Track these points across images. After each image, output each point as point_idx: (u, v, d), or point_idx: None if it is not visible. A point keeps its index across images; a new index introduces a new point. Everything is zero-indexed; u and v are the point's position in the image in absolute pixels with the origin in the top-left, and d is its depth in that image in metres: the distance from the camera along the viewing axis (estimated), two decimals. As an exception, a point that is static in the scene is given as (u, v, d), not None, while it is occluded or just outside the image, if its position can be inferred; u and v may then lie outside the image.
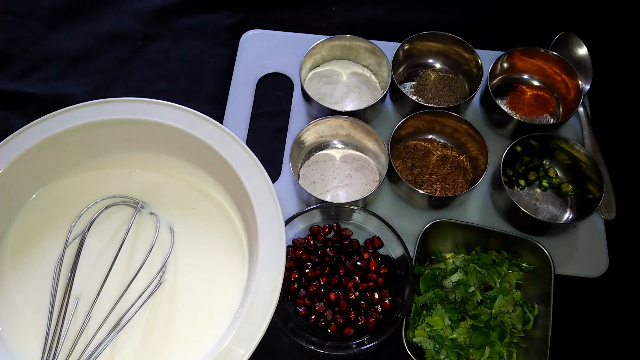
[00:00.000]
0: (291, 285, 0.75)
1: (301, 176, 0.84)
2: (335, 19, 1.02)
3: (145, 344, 0.68)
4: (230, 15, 1.01)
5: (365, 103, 0.87)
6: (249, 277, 0.69)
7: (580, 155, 0.81)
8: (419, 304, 0.73)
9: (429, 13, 1.02)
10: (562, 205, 0.84)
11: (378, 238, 0.77)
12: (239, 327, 0.62)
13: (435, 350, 0.70)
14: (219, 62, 0.97)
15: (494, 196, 0.83)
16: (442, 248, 0.78)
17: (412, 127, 0.85)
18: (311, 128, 0.82)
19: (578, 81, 0.85)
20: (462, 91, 0.91)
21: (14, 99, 0.92)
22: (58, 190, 0.76)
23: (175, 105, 0.75)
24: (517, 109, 0.89)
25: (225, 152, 0.72)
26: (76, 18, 1.00)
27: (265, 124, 0.91)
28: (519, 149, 0.83)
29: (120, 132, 0.76)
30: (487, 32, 1.01)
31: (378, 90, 0.90)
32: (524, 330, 0.72)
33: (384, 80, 0.89)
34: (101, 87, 0.94)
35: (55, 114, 0.74)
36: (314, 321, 0.72)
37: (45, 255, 0.73)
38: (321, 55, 0.90)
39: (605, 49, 0.99)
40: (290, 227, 0.74)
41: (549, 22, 1.02)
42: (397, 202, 0.84)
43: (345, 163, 0.84)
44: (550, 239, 0.80)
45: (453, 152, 0.86)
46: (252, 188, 0.70)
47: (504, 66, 0.91)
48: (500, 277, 0.74)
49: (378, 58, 0.88)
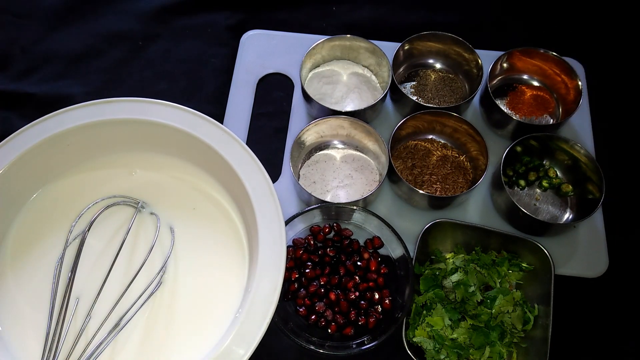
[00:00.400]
0: (291, 285, 0.75)
1: (301, 176, 0.84)
2: (335, 19, 1.02)
3: (146, 344, 0.68)
4: (230, 15, 1.01)
5: (366, 103, 0.87)
6: (249, 277, 0.69)
7: (580, 155, 0.81)
8: (419, 304, 0.73)
9: (429, 13, 1.02)
10: (562, 206, 0.84)
11: (378, 238, 0.77)
12: (239, 327, 0.62)
13: (435, 350, 0.70)
14: (219, 62, 0.97)
15: (494, 196, 0.83)
16: (442, 248, 0.78)
17: (412, 127, 0.85)
18: (311, 128, 0.82)
19: (578, 81, 0.85)
20: (462, 91, 0.91)
21: (14, 99, 0.92)
22: (58, 190, 0.76)
23: (175, 105, 0.75)
24: (517, 109, 0.89)
25: (225, 152, 0.72)
26: (76, 18, 1.00)
27: (265, 124, 0.91)
28: (519, 149, 0.83)
29: (120, 132, 0.76)
30: (487, 32, 1.01)
31: (378, 90, 0.90)
32: (524, 330, 0.72)
33: (384, 81, 0.89)
34: (101, 87, 0.94)
35: (55, 114, 0.74)
36: (314, 321, 0.72)
37: (45, 255, 0.73)
38: (321, 55, 0.90)
39: (606, 49, 0.99)
40: (290, 227, 0.74)
41: (549, 22, 1.02)
42: (397, 202, 0.84)
43: (345, 163, 0.85)
44: (550, 239, 0.80)
45: (453, 152, 0.86)
46: (252, 188, 0.70)
47: (504, 66, 0.91)
48: (500, 277, 0.74)
49: (378, 58, 0.88)
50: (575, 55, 0.95)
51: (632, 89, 0.96)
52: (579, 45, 0.98)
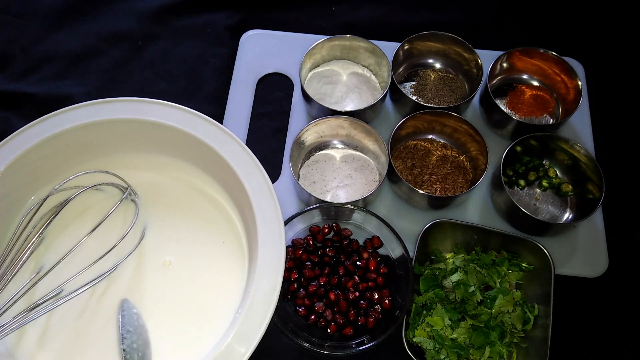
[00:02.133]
0: (291, 285, 0.75)
1: (301, 176, 0.84)
2: (335, 19, 1.02)
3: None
4: (230, 15, 1.01)
5: (365, 103, 0.87)
6: (249, 277, 0.69)
7: (580, 155, 0.81)
8: (419, 304, 0.73)
9: (429, 13, 1.02)
10: (562, 205, 0.84)
11: (377, 238, 0.77)
12: (239, 327, 0.62)
13: (435, 350, 0.70)
14: (219, 62, 0.97)
15: (494, 196, 0.83)
16: (442, 248, 0.78)
17: (412, 127, 0.85)
18: (311, 128, 0.82)
19: (577, 81, 0.85)
20: (462, 91, 0.91)
21: (14, 99, 0.92)
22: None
23: (175, 105, 0.75)
24: (517, 109, 0.89)
25: (224, 152, 0.72)
26: (76, 18, 1.00)
27: (265, 124, 0.91)
28: (519, 149, 0.83)
29: (120, 132, 0.76)
30: (486, 32, 1.01)
31: (378, 91, 0.90)
32: (524, 330, 0.72)
33: (384, 81, 0.89)
34: (101, 87, 0.94)
35: (55, 114, 0.73)
36: (314, 321, 0.72)
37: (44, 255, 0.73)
38: (321, 55, 0.90)
39: (606, 49, 0.99)
40: (289, 227, 0.74)
41: (549, 22, 1.02)
42: (397, 202, 0.84)
43: (345, 163, 0.84)
44: (550, 239, 0.80)
45: (453, 152, 0.86)
46: (252, 188, 0.70)
47: (504, 66, 0.91)
48: (500, 277, 0.74)
49: (378, 58, 0.88)
50: (575, 55, 0.95)
51: (632, 89, 0.96)
52: (579, 45, 0.98)
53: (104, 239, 0.71)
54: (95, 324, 0.69)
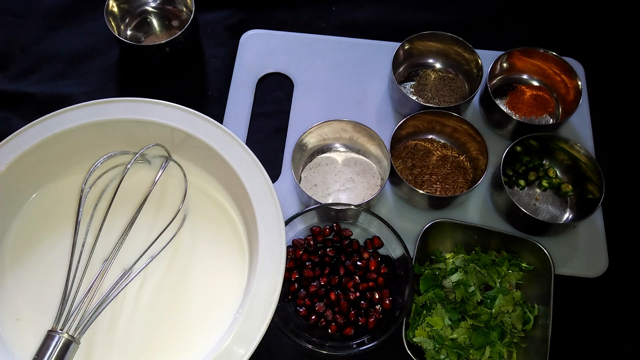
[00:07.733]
0: (291, 285, 0.75)
1: (303, 179, 0.84)
2: (335, 19, 1.02)
3: (146, 344, 0.68)
4: (230, 15, 1.01)
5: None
6: (249, 278, 0.69)
7: (580, 155, 0.81)
8: (419, 304, 0.73)
9: (429, 13, 1.02)
10: (562, 205, 0.84)
11: (378, 238, 0.77)
12: (239, 328, 0.62)
13: (435, 350, 0.70)
14: (219, 62, 0.97)
15: (494, 196, 0.83)
16: (442, 248, 0.78)
17: (412, 127, 0.85)
18: (314, 131, 0.82)
19: (577, 81, 0.85)
20: (462, 91, 0.91)
21: (14, 99, 0.92)
22: (58, 190, 0.76)
23: (175, 105, 0.75)
24: (517, 109, 0.89)
25: (225, 152, 0.72)
26: (76, 18, 1.00)
27: (265, 124, 0.91)
28: (519, 149, 0.83)
29: (120, 132, 0.76)
30: (487, 32, 1.01)
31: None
32: (524, 330, 0.72)
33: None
34: (101, 87, 0.94)
35: (55, 114, 0.74)
36: (314, 321, 0.72)
37: (45, 255, 0.73)
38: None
39: (606, 49, 0.99)
40: (290, 227, 0.74)
41: (549, 22, 1.02)
42: (397, 202, 0.84)
43: (347, 167, 0.84)
44: (550, 239, 0.80)
45: (453, 152, 0.86)
46: (252, 188, 0.70)
47: (504, 66, 0.91)
48: (500, 277, 0.74)
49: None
50: (575, 55, 0.95)
51: (632, 89, 0.96)
52: (579, 45, 0.98)
53: (145, 221, 0.73)
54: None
